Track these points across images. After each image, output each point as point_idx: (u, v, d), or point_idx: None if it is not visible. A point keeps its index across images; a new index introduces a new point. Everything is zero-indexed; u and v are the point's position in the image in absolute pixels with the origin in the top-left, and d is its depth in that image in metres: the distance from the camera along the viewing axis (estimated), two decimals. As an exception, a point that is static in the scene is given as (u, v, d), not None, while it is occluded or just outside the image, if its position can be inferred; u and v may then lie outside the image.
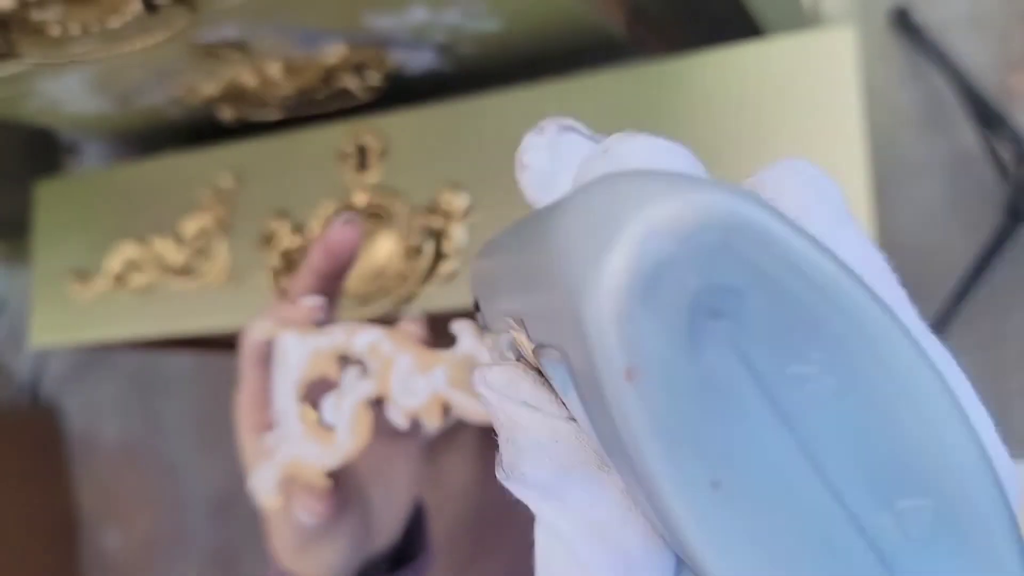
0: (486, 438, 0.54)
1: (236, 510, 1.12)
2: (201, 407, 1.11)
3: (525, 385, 0.17)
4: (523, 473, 0.16)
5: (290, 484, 0.33)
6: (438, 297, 0.41)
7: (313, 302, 0.34)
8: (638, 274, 0.12)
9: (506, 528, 0.50)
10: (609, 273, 0.12)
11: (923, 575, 0.13)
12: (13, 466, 1.00)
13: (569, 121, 0.20)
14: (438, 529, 0.49)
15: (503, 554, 0.50)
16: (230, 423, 0.36)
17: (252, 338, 0.35)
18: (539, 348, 0.16)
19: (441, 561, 0.49)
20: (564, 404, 0.16)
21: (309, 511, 0.32)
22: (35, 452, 1.06)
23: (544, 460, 0.16)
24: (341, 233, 0.35)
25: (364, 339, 0.32)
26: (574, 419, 0.16)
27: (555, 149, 0.20)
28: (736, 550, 0.12)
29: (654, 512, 0.13)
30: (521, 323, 0.16)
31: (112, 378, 1.10)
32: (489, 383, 0.17)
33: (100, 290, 0.52)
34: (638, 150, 0.16)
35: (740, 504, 0.12)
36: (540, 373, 0.17)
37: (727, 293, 0.13)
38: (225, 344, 0.57)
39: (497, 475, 0.17)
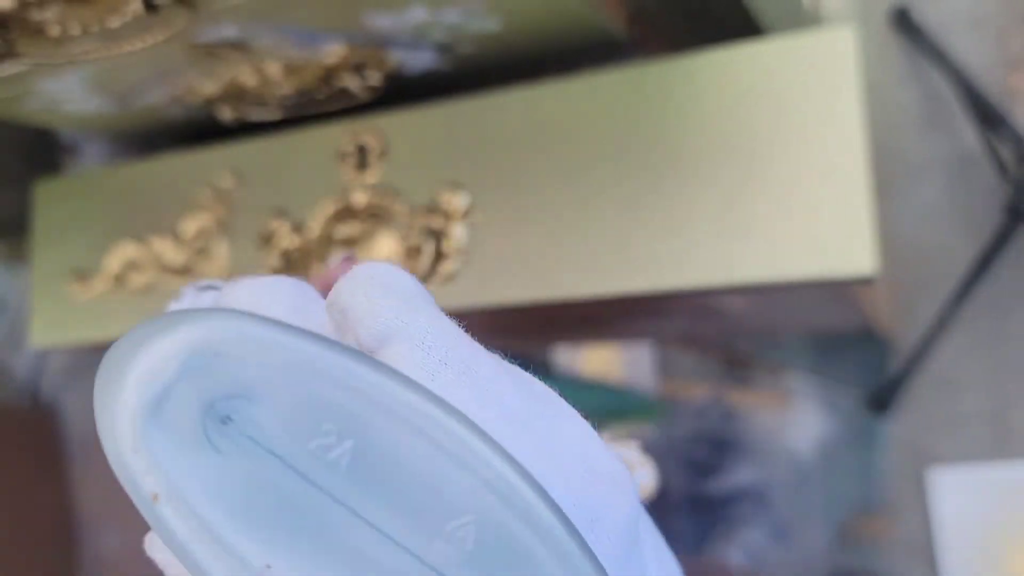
0: None
1: (236, 510, 1.11)
2: (201, 407, 1.11)
3: None
4: None
5: None
6: (439, 297, 0.41)
7: None
8: (140, 409, 0.14)
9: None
10: (118, 413, 0.14)
11: None
12: (12, 466, 1.00)
13: (207, 281, 0.22)
14: None
15: None
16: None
17: None
18: None
19: None
20: None
21: None
22: (34, 452, 1.06)
23: None
24: (338, 274, 0.35)
25: None
26: None
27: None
28: None
29: None
30: None
31: (112, 378, 1.10)
32: (155, 544, 0.18)
33: (100, 290, 0.52)
34: (241, 291, 0.18)
35: None
36: None
37: (232, 399, 0.14)
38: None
39: None
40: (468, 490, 0.14)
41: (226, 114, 0.48)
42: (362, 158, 0.45)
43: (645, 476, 0.34)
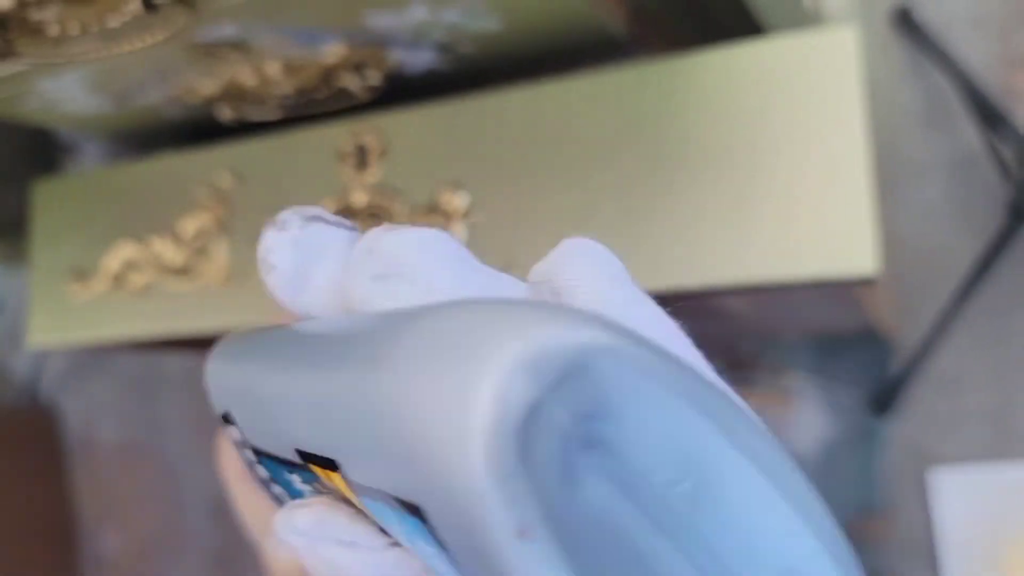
0: None
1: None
2: (200, 408, 1.11)
3: (339, 521, 0.15)
4: None
5: None
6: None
7: None
8: (511, 427, 0.11)
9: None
10: (478, 430, 0.11)
11: None
12: (11, 467, 1.00)
13: (313, 210, 0.18)
14: None
15: None
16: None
17: None
18: (363, 489, 0.14)
19: None
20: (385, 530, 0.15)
21: None
22: (34, 453, 1.06)
23: None
24: None
25: None
26: (398, 543, 0.15)
27: (301, 244, 0.18)
28: None
29: None
30: (330, 461, 0.15)
31: (111, 379, 1.10)
32: (297, 528, 0.15)
33: (98, 290, 0.52)
34: (404, 246, 0.15)
35: None
36: (350, 502, 0.15)
37: (598, 421, 0.12)
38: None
39: None
40: (776, 554, 0.13)
41: (226, 114, 0.48)
42: (362, 158, 0.45)
43: None
